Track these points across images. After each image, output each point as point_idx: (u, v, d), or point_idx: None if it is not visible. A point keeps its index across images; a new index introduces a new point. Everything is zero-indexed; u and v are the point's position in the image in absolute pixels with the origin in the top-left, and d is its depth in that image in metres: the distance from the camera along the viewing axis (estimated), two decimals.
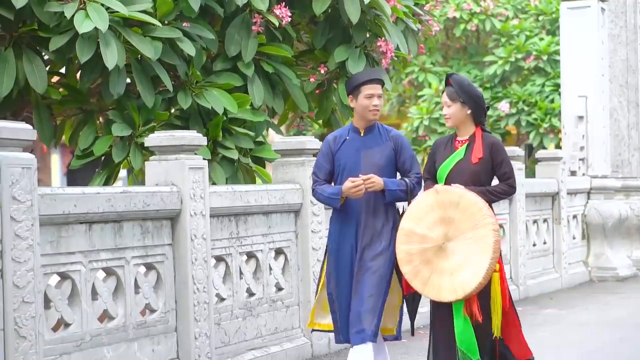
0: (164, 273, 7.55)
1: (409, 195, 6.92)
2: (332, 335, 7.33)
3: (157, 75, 8.65)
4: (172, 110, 9.02)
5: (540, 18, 22.73)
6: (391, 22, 9.75)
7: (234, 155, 9.05)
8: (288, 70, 9.46)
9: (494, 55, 22.19)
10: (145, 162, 7.80)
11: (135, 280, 7.34)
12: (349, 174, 6.93)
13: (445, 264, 6.51)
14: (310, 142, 9.09)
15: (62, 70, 9.48)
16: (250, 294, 8.51)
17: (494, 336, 6.63)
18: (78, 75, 9.09)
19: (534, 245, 13.84)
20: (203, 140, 7.77)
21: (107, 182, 9.04)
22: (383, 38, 9.71)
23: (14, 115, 9.34)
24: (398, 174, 7.08)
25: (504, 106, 21.47)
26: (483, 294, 6.56)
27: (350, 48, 9.69)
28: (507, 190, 6.81)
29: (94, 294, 7.01)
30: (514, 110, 21.55)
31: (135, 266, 7.33)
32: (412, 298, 6.94)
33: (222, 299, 8.21)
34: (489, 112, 21.71)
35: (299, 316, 9.01)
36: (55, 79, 9.49)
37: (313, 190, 7.08)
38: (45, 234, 6.52)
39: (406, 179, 6.99)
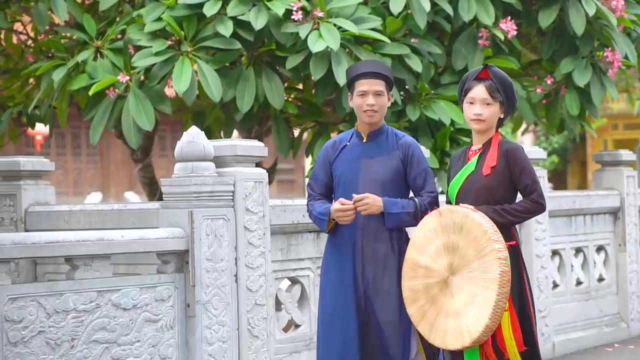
0: None
1: (418, 219, 5.55)
2: None
3: None
4: (401, 122, 9.40)
5: None
6: (617, 32, 9.78)
7: None
8: (514, 82, 9.61)
9: None
10: None
11: None
12: (345, 187, 5.69)
13: (450, 303, 5.32)
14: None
15: (298, 84, 10.06)
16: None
17: None
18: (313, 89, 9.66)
19: None
20: (425, 152, 8.11)
21: None
22: (610, 48, 9.76)
23: (260, 125, 10.05)
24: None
25: None
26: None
27: (577, 59, 9.76)
28: (531, 208, 5.41)
29: None
30: None
31: None
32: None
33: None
34: None
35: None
36: (292, 93, 10.10)
37: (306, 206, 5.93)
38: (276, 242, 7.07)
39: (416, 199, 5.65)
